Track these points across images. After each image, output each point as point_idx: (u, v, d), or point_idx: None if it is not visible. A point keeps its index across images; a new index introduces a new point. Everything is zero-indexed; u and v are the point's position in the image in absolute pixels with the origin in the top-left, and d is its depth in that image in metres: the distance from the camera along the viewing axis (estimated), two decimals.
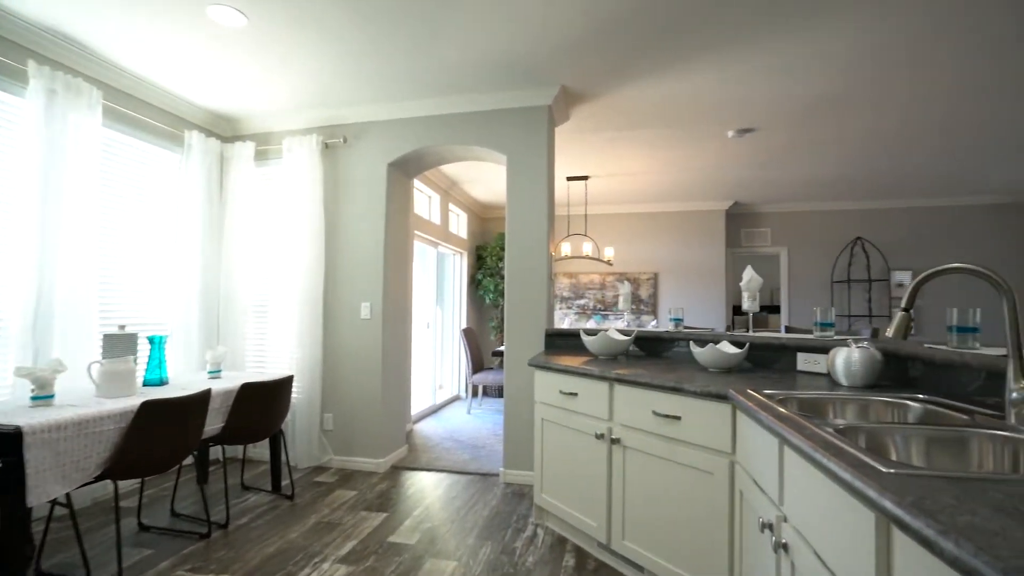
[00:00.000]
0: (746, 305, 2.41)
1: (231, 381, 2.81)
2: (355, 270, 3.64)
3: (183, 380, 2.84)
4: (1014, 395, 1.15)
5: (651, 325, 5.46)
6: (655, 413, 1.95)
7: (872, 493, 0.75)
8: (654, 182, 5.78)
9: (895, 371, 1.87)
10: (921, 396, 1.50)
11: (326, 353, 3.65)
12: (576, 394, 2.38)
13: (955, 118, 3.86)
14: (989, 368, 1.37)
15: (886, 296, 6.77)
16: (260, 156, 3.85)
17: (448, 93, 3.44)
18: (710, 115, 3.84)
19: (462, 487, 3.26)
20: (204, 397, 2.37)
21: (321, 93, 3.45)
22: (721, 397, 1.71)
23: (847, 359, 1.76)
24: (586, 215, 6.00)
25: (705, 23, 2.59)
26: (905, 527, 0.66)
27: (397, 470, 3.58)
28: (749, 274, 2.38)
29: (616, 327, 3.15)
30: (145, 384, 2.58)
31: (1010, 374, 1.16)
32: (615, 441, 2.13)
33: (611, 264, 5.80)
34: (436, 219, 5.64)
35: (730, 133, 4.20)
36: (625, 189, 6.10)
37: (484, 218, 7.40)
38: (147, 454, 2.13)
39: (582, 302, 7.09)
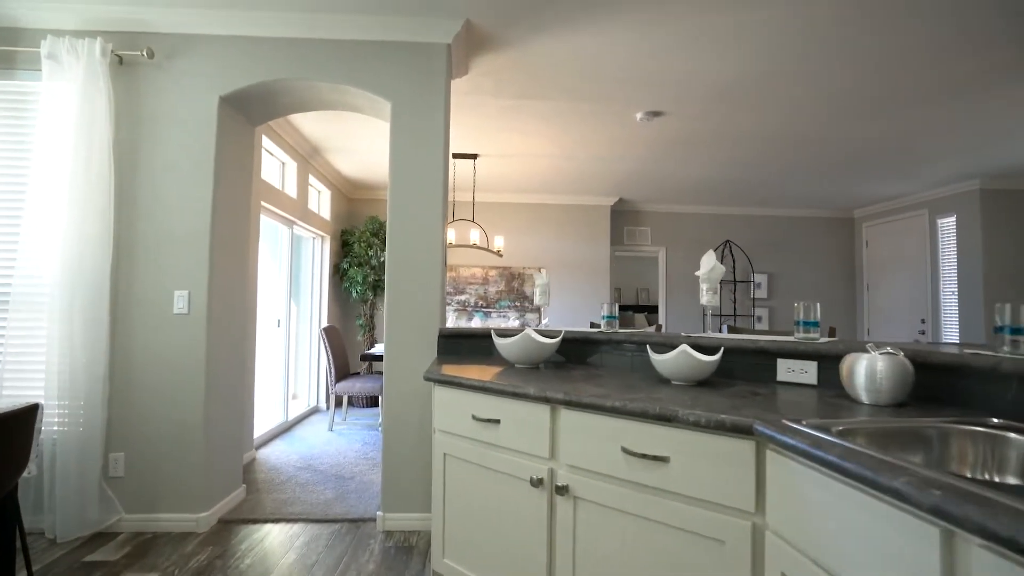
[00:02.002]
0: (705, 299, 1.95)
1: None
2: (165, 246, 2.54)
3: None
4: None
5: (544, 324, 4.99)
6: (627, 451, 1.36)
7: None
8: (545, 168, 5.34)
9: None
10: (996, 420, 1.10)
11: (115, 364, 2.49)
12: (498, 421, 1.70)
13: (827, 127, 3.95)
14: None
15: (747, 297, 7.19)
16: (1, 63, 2.53)
17: (316, 9, 2.53)
18: (621, 90, 3.42)
19: (325, 543, 2.39)
20: None
21: None
22: (741, 431, 1.17)
23: (870, 371, 1.34)
24: (474, 200, 5.36)
25: None
26: None
27: (228, 526, 2.56)
28: (710, 262, 1.92)
29: (502, 327, 2.54)
30: None
31: None
32: (561, 490, 1.50)
33: (501, 255, 5.23)
34: (292, 191, 4.53)
35: (639, 115, 3.86)
36: (513, 175, 5.57)
37: (352, 198, 6.35)
38: None
39: (462, 298, 6.43)
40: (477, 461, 1.78)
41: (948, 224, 5.93)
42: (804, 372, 1.68)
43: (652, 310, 9.48)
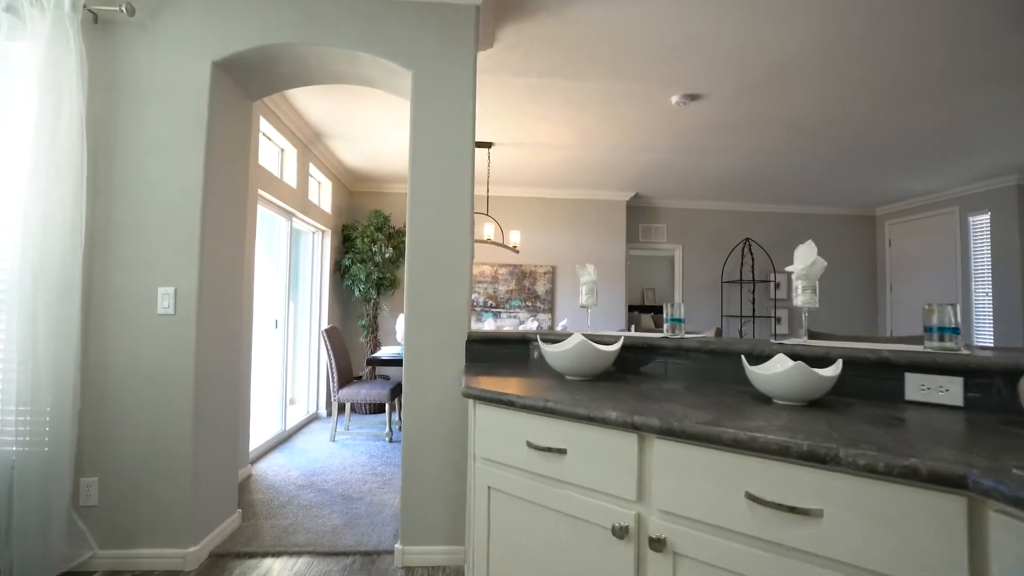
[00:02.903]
0: (802, 299, 1.61)
1: None
2: (148, 234, 2.18)
3: None
4: None
5: (561, 326, 4.65)
6: (754, 499, 1.02)
7: None
8: (561, 160, 5.00)
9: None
10: None
11: (87, 372, 2.13)
12: (564, 451, 1.36)
13: (868, 114, 3.60)
14: None
15: (766, 297, 6.88)
16: None
17: None
18: (659, 68, 3.09)
19: None
20: None
21: None
22: (944, 481, 0.83)
23: None
24: (488, 192, 5.01)
25: None
26: None
27: (221, 561, 2.20)
28: (810, 255, 1.58)
29: (546, 331, 2.20)
30: None
31: None
32: (656, 544, 1.16)
33: (517, 251, 4.88)
34: (291, 180, 4.16)
35: (675, 98, 3.53)
36: (527, 167, 5.22)
37: (354, 191, 5.98)
38: None
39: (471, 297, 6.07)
40: (533, 499, 1.43)
41: (982, 222, 5.64)
42: (944, 391, 1.34)
43: (659, 311, 9.18)
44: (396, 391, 4.29)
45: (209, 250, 2.26)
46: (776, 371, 1.34)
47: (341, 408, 4.73)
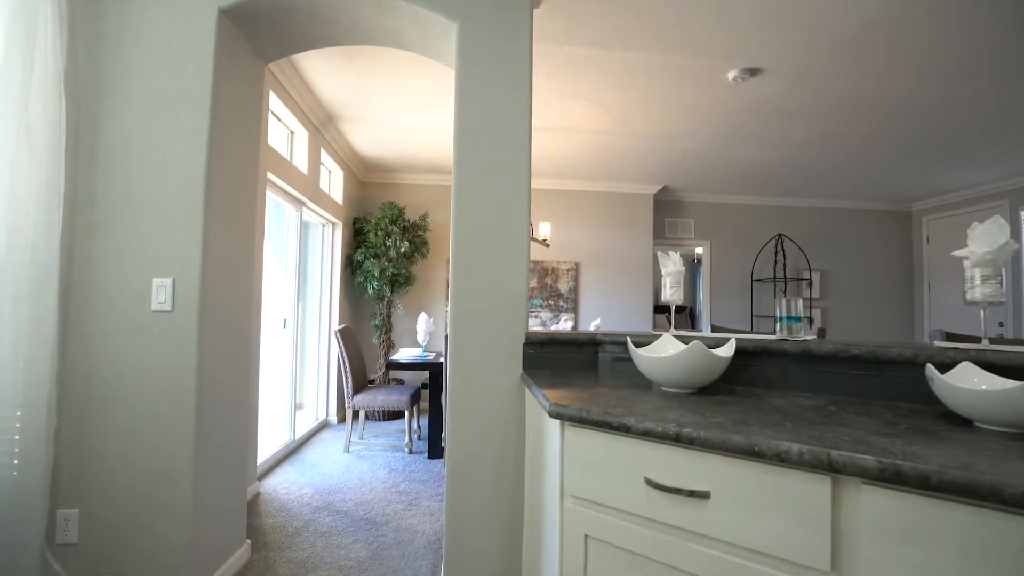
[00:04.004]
0: (983, 292, 1.24)
1: None
2: (140, 215, 1.81)
3: None
4: None
5: (594, 325, 4.29)
6: None
7: None
8: (591, 148, 4.63)
9: None
10: None
11: (66, 382, 1.76)
12: (707, 494, 0.99)
13: (936, 97, 3.21)
14: None
15: (796, 295, 6.52)
16: None
17: None
18: (719, 37, 2.73)
19: None
20: None
21: None
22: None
23: None
24: None
25: None
26: None
27: None
28: (997, 235, 1.21)
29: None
30: None
31: None
32: None
33: (548, 245, 4.51)
34: (302, 166, 3.79)
35: (732, 74, 3.16)
36: (553, 155, 4.86)
37: (365, 182, 5.61)
38: None
39: None
40: (657, 556, 1.06)
41: None
42: None
43: (676, 311, 8.82)
44: (415, 397, 3.92)
45: (214, 234, 1.89)
46: (999, 389, 0.98)
47: (355, 415, 4.35)
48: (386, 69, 3.21)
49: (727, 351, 1.41)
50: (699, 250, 8.36)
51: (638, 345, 1.60)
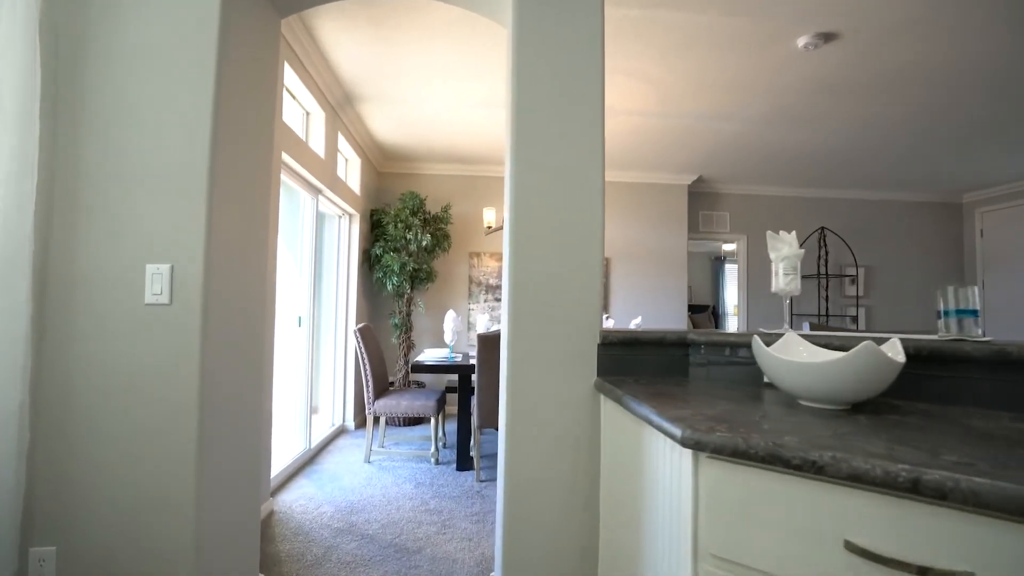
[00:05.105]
0: None
1: None
2: (132, 188, 1.48)
3: None
4: None
5: (636, 323, 3.93)
6: None
7: None
8: (628, 132, 4.27)
9: None
10: None
11: (41, 392, 1.44)
12: (972, 575, 0.64)
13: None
14: None
15: (839, 294, 6.13)
16: None
17: None
18: None
19: None
20: None
21: None
22: None
23: None
24: None
25: None
26: None
27: None
28: None
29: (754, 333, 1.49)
30: None
31: None
32: None
33: None
34: (319, 149, 3.48)
35: (803, 40, 2.80)
36: None
37: (382, 172, 5.29)
38: None
39: None
40: None
41: None
42: None
43: (698, 310, 8.47)
44: (441, 402, 3.59)
45: (222, 213, 1.56)
46: None
47: (375, 421, 4.03)
48: (415, 38, 2.88)
49: (899, 355, 1.06)
50: (726, 246, 8.02)
51: (767, 342, 1.25)
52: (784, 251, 1.42)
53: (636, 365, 1.55)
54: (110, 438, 1.44)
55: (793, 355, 1.19)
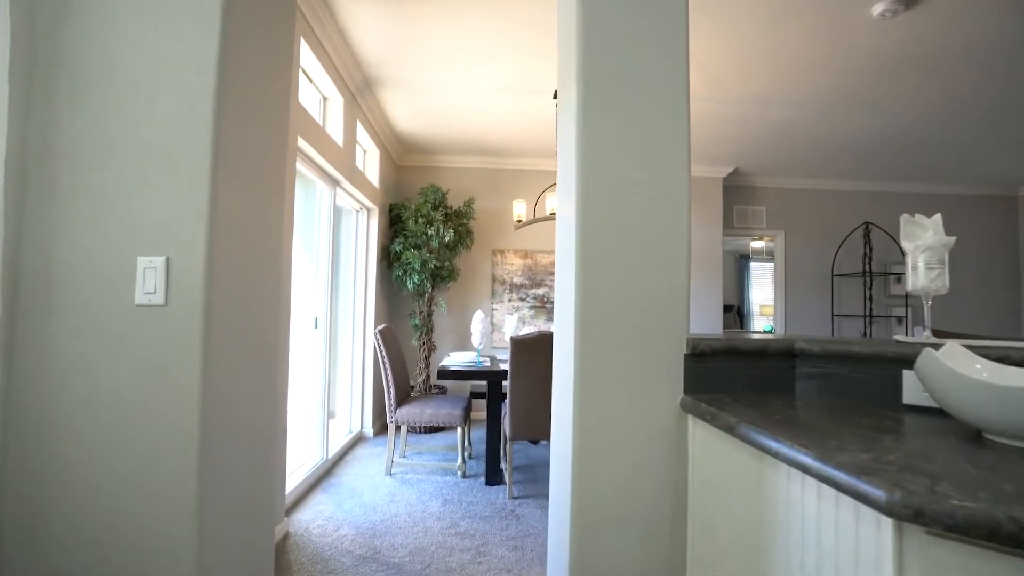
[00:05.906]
0: None
1: None
2: (120, 167, 1.23)
3: None
4: None
5: None
6: None
7: None
8: None
9: None
10: None
11: (12, 409, 1.19)
12: None
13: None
14: None
15: (883, 293, 5.75)
16: None
17: None
18: None
19: None
20: None
21: None
22: None
23: None
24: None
25: None
26: None
27: None
28: None
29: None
30: None
31: None
32: None
33: None
34: (337, 137, 3.23)
35: (879, 7, 2.48)
36: None
37: (401, 165, 5.04)
38: None
39: (540, 292, 5.09)
40: None
41: None
42: None
43: (727, 309, 8.12)
44: (468, 410, 3.33)
45: (228, 197, 1.31)
46: None
47: (396, 429, 3.78)
48: (438, 10, 2.62)
49: None
50: (755, 244, 7.65)
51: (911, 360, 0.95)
52: (927, 239, 1.13)
53: (728, 379, 1.27)
54: (92, 465, 1.19)
55: (972, 374, 0.90)
